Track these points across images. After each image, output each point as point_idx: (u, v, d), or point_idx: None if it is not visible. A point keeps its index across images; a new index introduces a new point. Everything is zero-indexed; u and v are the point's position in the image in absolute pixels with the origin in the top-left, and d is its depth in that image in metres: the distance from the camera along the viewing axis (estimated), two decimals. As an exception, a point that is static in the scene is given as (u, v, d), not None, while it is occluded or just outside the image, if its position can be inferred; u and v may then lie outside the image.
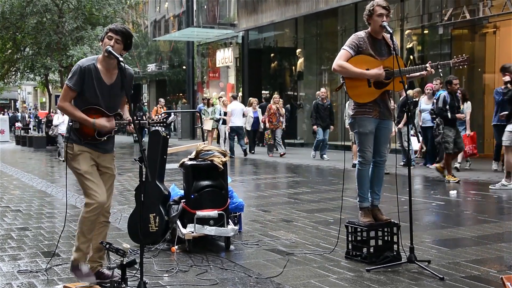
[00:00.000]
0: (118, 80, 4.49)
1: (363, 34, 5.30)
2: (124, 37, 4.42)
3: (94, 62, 4.44)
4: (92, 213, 4.42)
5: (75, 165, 4.47)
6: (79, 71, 4.38)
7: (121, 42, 4.41)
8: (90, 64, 4.41)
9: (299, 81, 23.04)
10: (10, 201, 9.14)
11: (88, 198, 4.44)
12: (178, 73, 33.86)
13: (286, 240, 6.14)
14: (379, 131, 5.37)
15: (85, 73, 4.37)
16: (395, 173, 5.48)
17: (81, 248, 4.49)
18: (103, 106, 4.46)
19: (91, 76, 4.38)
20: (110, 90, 4.47)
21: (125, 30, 4.45)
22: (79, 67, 4.40)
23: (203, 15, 29.58)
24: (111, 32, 4.40)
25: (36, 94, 59.26)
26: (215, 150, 6.09)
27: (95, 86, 4.39)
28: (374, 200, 5.42)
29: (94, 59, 4.49)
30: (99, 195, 4.42)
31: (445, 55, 16.00)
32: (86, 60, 4.49)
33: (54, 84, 32.34)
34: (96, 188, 4.43)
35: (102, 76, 4.43)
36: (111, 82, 4.47)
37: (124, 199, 9.19)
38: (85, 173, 4.44)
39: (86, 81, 4.38)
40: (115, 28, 4.42)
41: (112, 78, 4.49)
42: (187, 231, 5.66)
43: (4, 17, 24.34)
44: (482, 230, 6.51)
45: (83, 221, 4.44)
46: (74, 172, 4.50)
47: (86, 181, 4.44)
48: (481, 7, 14.92)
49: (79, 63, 4.46)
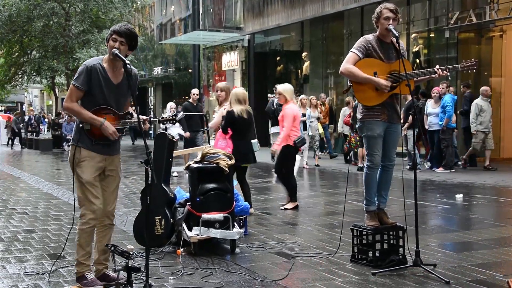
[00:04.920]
0: (124, 81, 4.50)
1: (372, 37, 5.30)
2: (128, 38, 4.43)
3: (100, 61, 4.46)
4: (87, 225, 4.45)
5: (78, 171, 4.47)
6: (86, 70, 4.39)
7: (125, 43, 4.42)
8: (96, 64, 4.42)
9: (305, 84, 23.01)
10: (17, 203, 9.17)
11: (83, 208, 4.46)
12: (184, 76, 33.90)
13: (291, 243, 6.14)
14: (388, 135, 5.35)
15: (91, 73, 4.38)
16: (402, 177, 5.45)
17: (82, 261, 4.53)
18: (112, 105, 4.47)
19: (98, 75, 4.39)
20: (116, 89, 4.48)
21: (129, 31, 4.45)
22: (85, 66, 4.41)
23: (209, 18, 29.61)
24: (115, 35, 4.41)
25: (42, 97, 59.46)
26: (221, 153, 6.10)
27: (103, 85, 4.41)
28: (380, 204, 5.41)
29: (100, 59, 4.50)
30: (96, 206, 4.44)
31: (451, 59, 15.96)
32: (92, 60, 4.50)
33: (61, 87, 32.47)
34: (94, 200, 4.45)
35: (109, 76, 4.44)
36: (118, 82, 4.49)
37: (130, 201, 9.21)
38: (86, 183, 4.45)
39: (93, 80, 4.38)
40: (119, 30, 4.43)
41: (118, 78, 4.50)
42: (192, 234, 5.67)
43: (11, 20, 24.48)
44: (489, 234, 6.49)
45: (80, 234, 4.48)
46: (76, 178, 4.50)
47: (86, 191, 4.45)
48: (488, 10, 14.88)
49: (85, 63, 4.47)
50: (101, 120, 4.40)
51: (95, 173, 4.48)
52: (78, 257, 4.52)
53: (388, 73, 5.24)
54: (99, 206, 4.45)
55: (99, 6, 24.57)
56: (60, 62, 25.09)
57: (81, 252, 4.51)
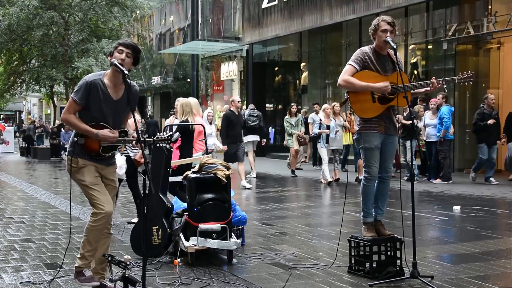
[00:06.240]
0: (124, 96, 4.51)
1: (368, 49, 5.32)
2: (134, 51, 4.46)
3: (101, 77, 4.46)
4: (99, 223, 4.47)
5: (79, 177, 4.50)
6: (85, 86, 4.40)
7: (131, 56, 4.44)
8: (97, 79, 4.42)
9: (303, 95, 23.07)
10: (14, 213, 9.15)
11: (95, 208, 4.49)
12: (182, 86, 33.96)
13: (288, 254, 6.13)
14: (384, 146, 5.36)
15: (91, 88, 4.39)
16: (399, 188, 5.46)
17: (86, 256, 4.55)
18: (109, 122, 4.48)
19: (98, 91, 4.39)
20: (116, 105, 4.49)
21: (135, 44, 4.51)
22: (85, 81, 4.42)
23: (208, 28, 29.71)
24: (122, 46, 4.43)
25: (41, 106, 59.50)
26: (219, 163, 6.11)
27: (101, 101, 4.41)
28: (377, 215, 5.41)
29: (101, 74, 4.50)
30: (106, 205, 4.47)
31: (449, 70, 16.02)
32: (92, 75, 4.50)
33: (59, 96, 32.48)
34: (103, 198, 4.48)
35: (109, 92, 4.45)
36: (118, 98, 4.49)
37: (127, 211, 9.20)
38: (90, 184, 4.48)
39: (92, 96, 4.39)
40: (125, 42, 4.47)
41: (119, 94, 4.50)
42: (189, 244, 5.66)
43: (11, 29, 24.51)
44: (486, 246, 6.49)
45: (90, 230, 4.49)
46: (79, 184, 4.53)
47: (92, 191, 4.48)
48: (485, 22, 14.97)
49: (86, 77, 4.47)
50: (95, 132, 4.40)
51: (95, 174, 4.53)
52: (84, 251, 4.54)
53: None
54: (108, 205, 4.48)
55: (98, 15, 24.63)
56: (59, 71, 25.12)
57: (88, 247, 4.53)
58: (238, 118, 12.47)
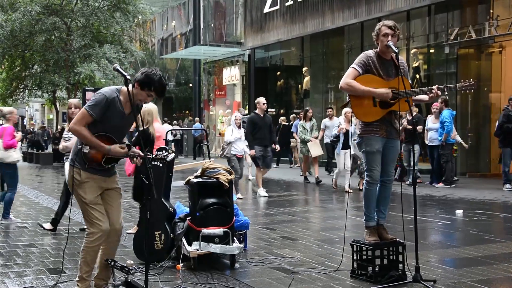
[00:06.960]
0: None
1: (372, 53, 5.34)
2: (161, 95, 4.49)
3: (117, 94, 4.41)
4: (96, 243, 4.45)
5: (80, 193, 4.46)
6: (106, 102, 4.33)
7: (153, 96, 4.44)
8: (115, 96, 4.37)
9: (305, 99, 23.09)
10: (17, 218, 9.15)
11: (91, 227, 4.45)
12: (184, 91, 34.04)
13: (291, 259, 6.13)
14: (386, 150, 5.37)
15: (110, 105, 4.34)
16: (401, 192, 5.46)
17: (85, 278, 4.52)
18: (116, 135, 4.47)
19: (115, 108, 4.36)
20: (126, 119, 4.48)
21: (165, 88, 4.48)
22: (105, 98, 4.34)
23: (210, 33, 29.79)
24: (154, 93, 4.41)
25: (43, 111, 59.56)
26: (221, 168, 6.12)
27: (115, 117, 4.38)
28: (379, 219, 5.41)
29: (118, 90, 4.44)
30: (103, 224, 4.44)
31: (451, 74, 16.04)
32: (111, 91, 4.40)
33: (62, 101, 32.50)
34: (100, 217, 4.44)
35: (123, 108, 4.43)
36: (128, 112, 4.47)
37: (129, 216, 9.20)
38: (90, 202, 4.44)
39: (108, 112, 4.35)
40: (160, 90, 4.42)
41: (129, 108, 4.47)
42: (192, 249, 5.66)
43: (14, 35, 24.59)
44: (488, 250, 6.48)
45: (87, 251, 4.47)
46: (79, 199, 4.48)
47: (91, 210, 4.44)
48: (487, 27, 14.98)
49: (105, 93, 4.37)
50: (107, 148, 4.36)
51: (97, 192, 4.49)
52: (82, 273, 4.51)
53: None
54: (105, 223, 4.45)
55: (100, 21, 24.70)
56: (61, 76, 25.17)
57: (85, 269, 4.50)
58: (264, 121, 11.84)
